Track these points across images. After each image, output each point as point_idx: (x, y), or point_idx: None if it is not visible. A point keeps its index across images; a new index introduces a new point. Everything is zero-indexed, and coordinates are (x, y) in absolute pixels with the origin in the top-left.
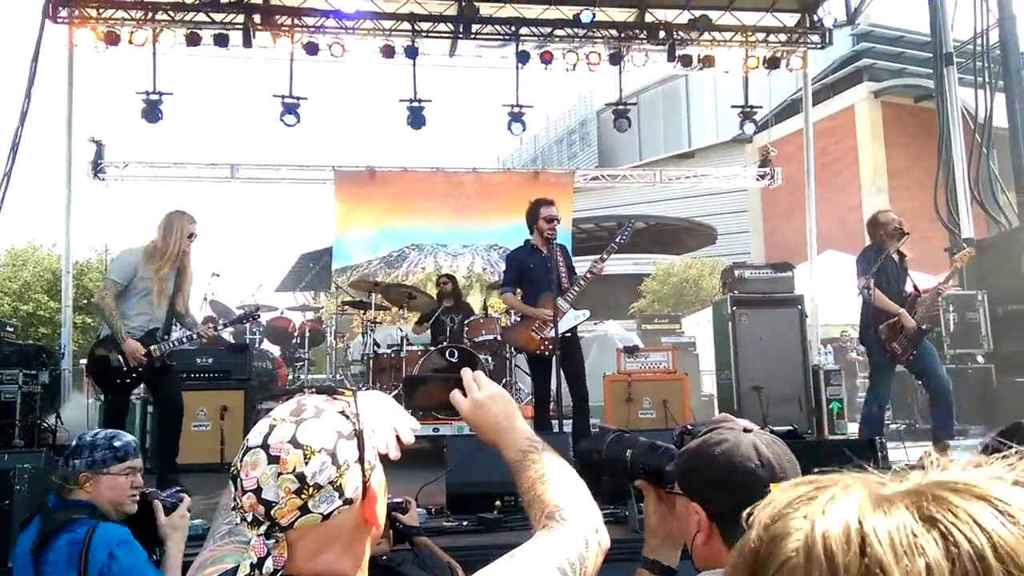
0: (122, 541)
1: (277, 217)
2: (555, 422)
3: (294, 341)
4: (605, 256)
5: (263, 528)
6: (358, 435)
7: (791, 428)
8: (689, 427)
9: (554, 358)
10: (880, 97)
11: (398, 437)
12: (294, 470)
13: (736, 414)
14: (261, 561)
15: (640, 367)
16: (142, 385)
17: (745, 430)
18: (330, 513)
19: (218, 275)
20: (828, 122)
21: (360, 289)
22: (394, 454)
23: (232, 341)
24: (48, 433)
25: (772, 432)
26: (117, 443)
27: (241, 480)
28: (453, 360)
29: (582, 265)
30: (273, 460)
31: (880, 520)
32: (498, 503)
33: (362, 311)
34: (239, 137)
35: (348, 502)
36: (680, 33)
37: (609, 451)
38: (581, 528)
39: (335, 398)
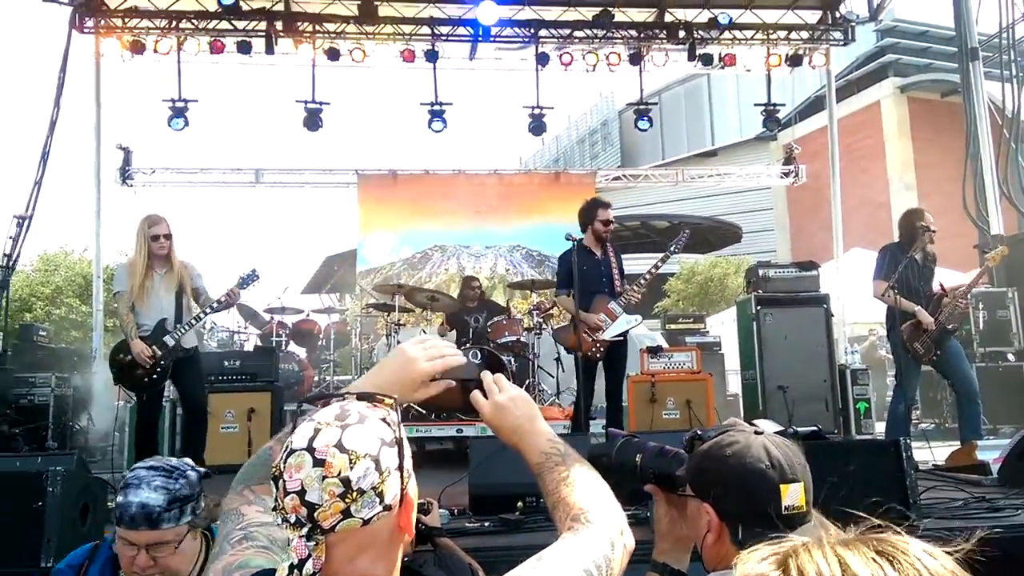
0: None
1: (302, 221)
2: (567, 423)
3: (320, 343)
4: (659, 264)
5: (305, 530)
6: (399, 443)
7: (815, 428)
8: (699, 432)
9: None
10: (906, 92)
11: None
12: (339, 474)
13: (761, 414)
14: (302, 563)
15: (664, 367)
16: (173, 388)
17: (756, 432)
18: (370, 518)
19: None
20: (853, 118)
21: (383, 292)
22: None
23: (259, 343)
24: (80, 435)
25: (796, 432)
26: (120, 498)
27: (284, 482)
28: (477, 361)
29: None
30: (318, 463)
31: (849, 553)
32: (520, 504)
33: (386, 313)
34: (263, 142)
35: (387, 508)
36: (700, 32)
37: (619, 455)
38: (606, 530)
39: (376, 405)
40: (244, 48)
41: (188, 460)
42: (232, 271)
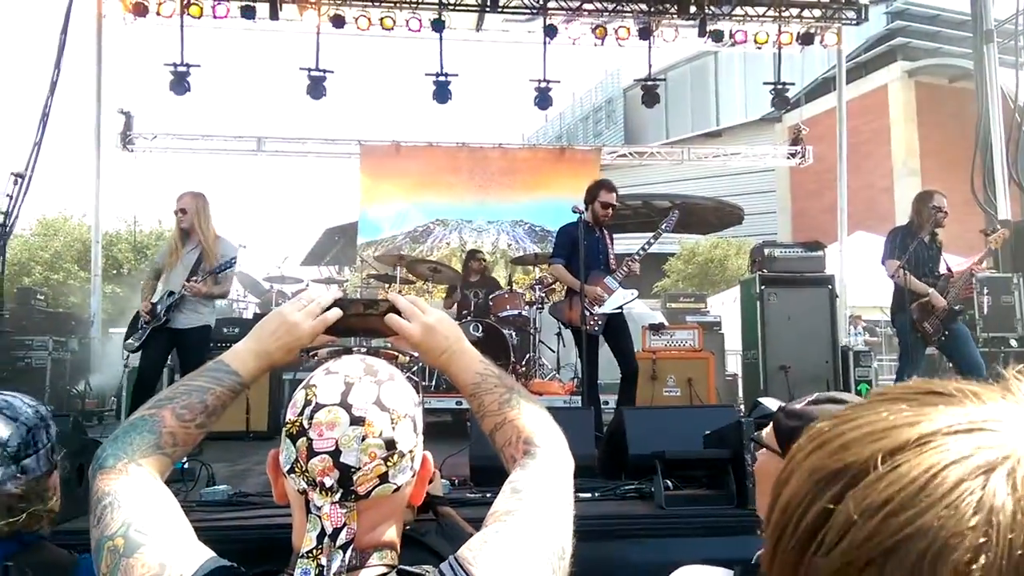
0: None
1: (303, 190)
2: (577, 397)
3: None
4: (652, 241)
5: (338, 495)
6: (420, 405)
7: None
8: (784, 405)
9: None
10: (914, 77)
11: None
12: (381, 434)
13: (762, 394)
14: (336, 532)
15: (665, 345)
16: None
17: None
18: (401, 486)
19: (244, 247)
20: (860, 101)
21: (385, 263)
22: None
23: (258, 312)
24: (77, 399)
25: None
26: None
27: (311, 440)
28: (478, 334)
29: (620, 242)
30: (357, 421)
31: None
32: None
33: (387, 284)
34: (266, 110)
35: (414, 475)
36: (712, 7)
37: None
38: (563, 452)
39: (392, 362)
40: (248, 13)
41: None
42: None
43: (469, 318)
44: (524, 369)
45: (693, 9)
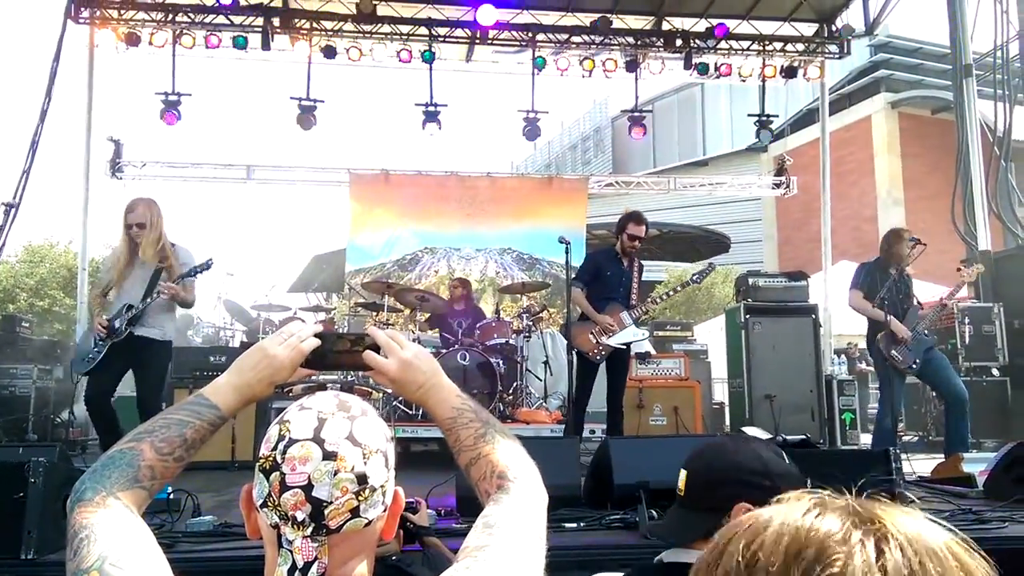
0: None
1: (291, 218)
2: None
3: None
4: (679, 288)
5: (310, 529)
6: (392, 440)
7: (804, 437)
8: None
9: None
10: (897, 108)
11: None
12: (352, 469)
13: (748, 423)
14: (308, 566)
15: (652, 373)
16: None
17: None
18: (373, 520)
19: (232, 275)
20: (844, 132)
21: (373, 291)
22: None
23: (245, 340)
24: (61, 428)
25: (785, 441)
26: None
27: (284, 475)
28: (465, 363)
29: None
30: (329, 456)
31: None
32: None
33: (375, 313)
34: (256, 138)
35: (385, 509)
36: (697, 41)
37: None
38: (536, 487)
39: (366, 398)
40: (240, 43)
41: None
42: (220, 266)
43: (456, 346)
44: (511, 397)
45: (679, 43)
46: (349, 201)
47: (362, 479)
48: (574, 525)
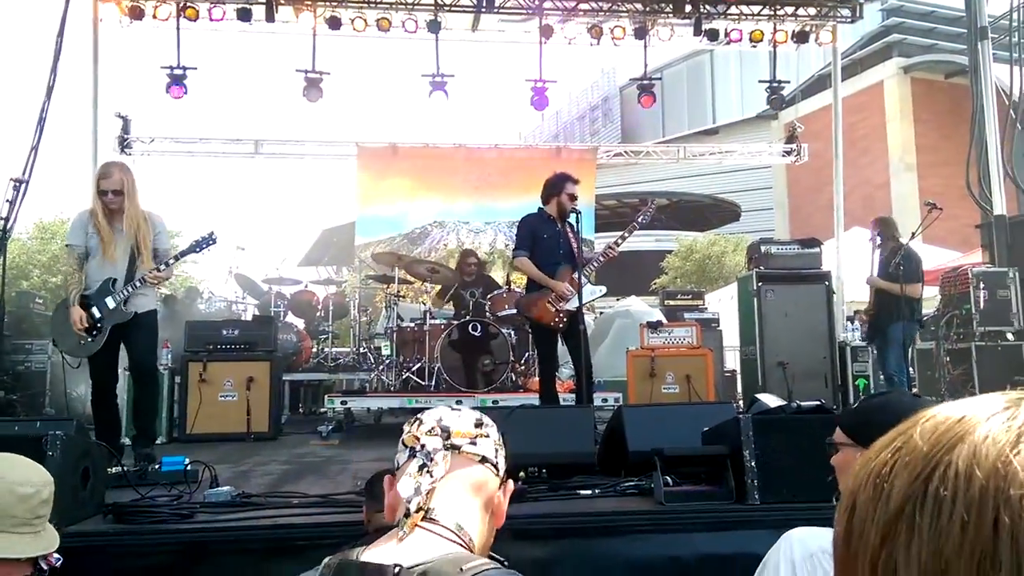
0: None
1: (300, 192)
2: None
3: (318, 314)
4: (626, 235)
5: (439, 442)
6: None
7: (819, 403)
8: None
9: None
10: (910, 73)
11: None
12: (475, 417)
13: (760, 390)
14: (431, 458)
15: (663, 342)
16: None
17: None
18: (486, 459)
19: (243, 249)
20: (856, 98)
21: (383, 263)
22: None
23: (257, 313)
24: (78, 402)
25: (799, 407)
26: None
27: (420, 422)
28: (476, 334)
29: (605, 241)
30: (456, 411)
31: None
32: (522, 474)
33: (385, 285)
34: (263, 112)
35: (497, 471)
36: (707, 6)
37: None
38: None
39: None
40: (244, 15)
41: None
42: (231, 240)
43: (468, 318)
44: (523, 368)
45: (688, 8)
46: (357, 174)
47: (479, 423)
48: (589, 492)
